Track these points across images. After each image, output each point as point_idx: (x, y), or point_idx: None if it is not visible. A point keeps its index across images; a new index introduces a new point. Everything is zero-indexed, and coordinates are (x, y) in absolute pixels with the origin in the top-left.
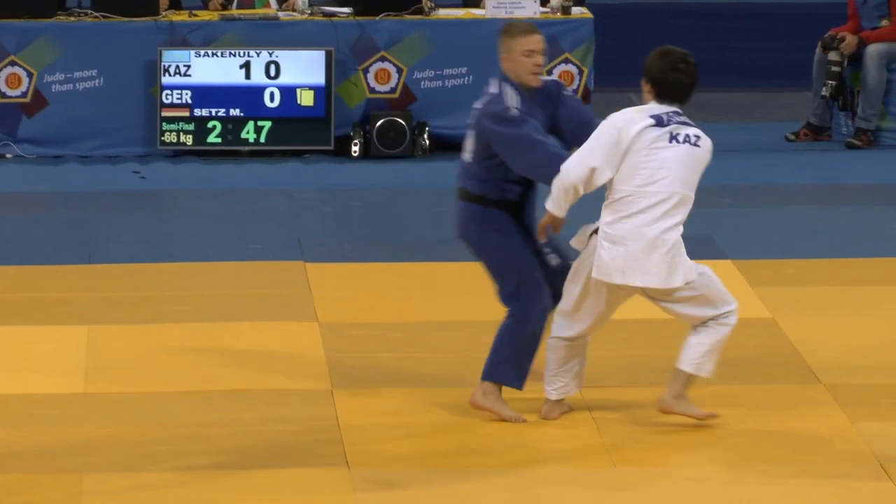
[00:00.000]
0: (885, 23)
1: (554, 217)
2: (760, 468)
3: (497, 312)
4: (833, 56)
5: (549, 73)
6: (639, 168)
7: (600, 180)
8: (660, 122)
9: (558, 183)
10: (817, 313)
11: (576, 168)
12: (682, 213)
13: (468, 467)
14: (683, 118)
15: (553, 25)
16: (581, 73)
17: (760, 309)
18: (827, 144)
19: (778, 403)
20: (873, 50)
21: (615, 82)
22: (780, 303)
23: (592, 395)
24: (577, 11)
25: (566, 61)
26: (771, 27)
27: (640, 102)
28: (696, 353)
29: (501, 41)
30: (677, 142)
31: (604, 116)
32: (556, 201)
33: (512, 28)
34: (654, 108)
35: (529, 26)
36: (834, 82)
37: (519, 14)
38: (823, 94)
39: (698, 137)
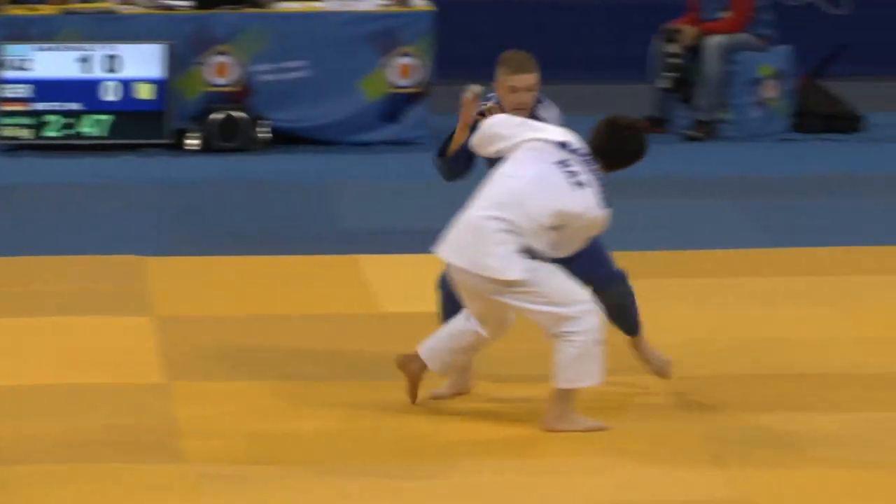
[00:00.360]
0: (725, 14)
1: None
2: (621, 463)
3: (340, 304)
4: (672, 48)
5: (388, 66)
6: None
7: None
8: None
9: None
10: (659, 305)
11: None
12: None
13: (305, 462)
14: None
15: (392, 18)
16: (420, 65)
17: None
18: (667, 136)
19: (616, 392)
20: (713, 42)
21: (456, 75)
22: None
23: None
24: (418, 3)
25: (405, 54)
26: (610, 19)
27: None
28: (562, 367)
29: (497, 68)
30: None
31: (444, 111)
32: None
33: (505, 60)
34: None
35: (522, 62)
36: (673, 74)
37: (359, 7)
38: (663, 85)
39: None
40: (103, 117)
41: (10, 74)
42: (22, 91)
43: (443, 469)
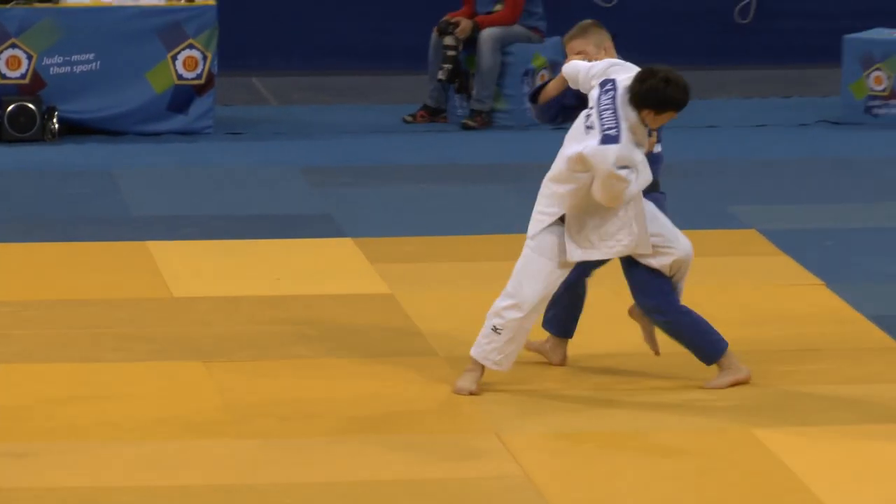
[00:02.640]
0: (498, 7)
1: None
2: (378, 437)
3: (134, 289)
4: (448, 40)
5: (175, 58)
6: None
7: None
8: None
9: None
10: (435, 288)
11: None
12: None
13: (113, 438)
14: None
15: (177, 12)
16: (205, 58)
17: (380, 284)
18: (443, 126)
19: (398, 375)
20: (487, 34)
21: (238, 67)
22: (399, 278)
23: (222, 369)
24: None
25: (190, 47)
26: (387, 11)
27: (262, 87)
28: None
29: None
30: None
31: (228, 102)
32: None
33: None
34: None
35: (569, 33)
36: (449, 66)
37: (145, 1)
38: (439, 77)
39: None
40: None
41: None
42: None
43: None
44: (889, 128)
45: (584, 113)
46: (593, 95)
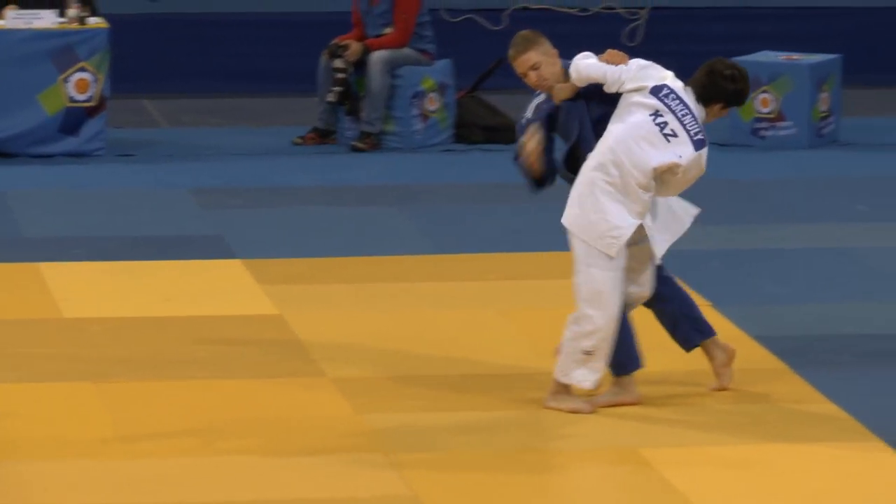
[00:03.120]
0: (388, 30)
1: None
2: (268, 458)
3: (25, 310)
4: (338, 63)
5: (66, 81)
6: None
7: None
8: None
9: None
10: (324, 309)
11: None
12: None
13: (3, 458)
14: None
15: (70, 35)
16: (96, 80)
17: (268, 306)
18: (333, 147)
19: (287, 396)
20: (377, 57)
21: (129, 89)
22: (289, 300)
23: (112, 389)
24: (94, 21)
25: (82, 69)
26: (277, 34)
27: (153, 109)
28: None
29: None
30: None
31: (120, 124)
32: None
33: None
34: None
35: (514, 48)
36: (339, 88)
37: (37, 24)
38: (329, 99)
39: None
40: None
41: None
42: None
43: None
44: (775, 150)
45: (643, 119)
46: (651, 103)
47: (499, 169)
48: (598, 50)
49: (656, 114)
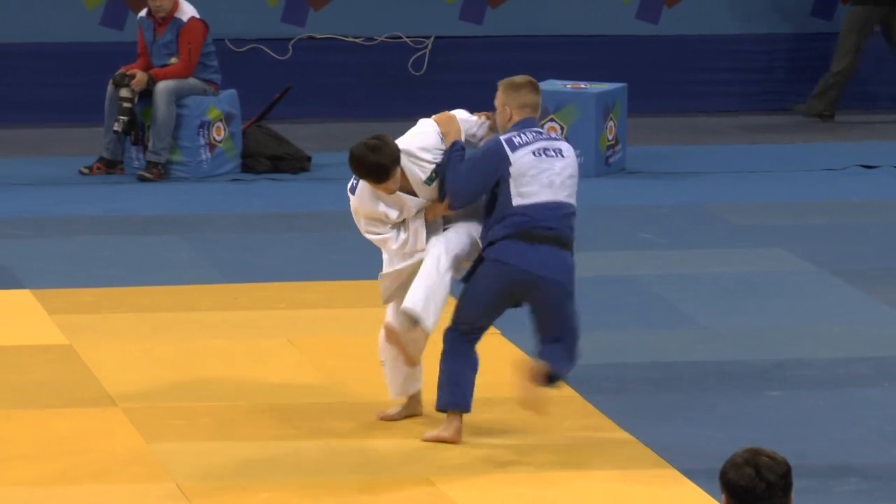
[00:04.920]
0: (174, 60)
1: None
2: (61, 489)
3: None
4: (125, 93)
5: None
6: None
7: None
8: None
9: None
10: (113, 339)
11: None
12: None
13: None
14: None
15: None
16: None
17: (58, 336)
18: (120, 177)
19: (79, 426)
20: (163, 86)
21: None
22: (78, 329)
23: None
24: None
25: None
26: (62, 63)
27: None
28: None
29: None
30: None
31: None
32: None
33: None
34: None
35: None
36: (126, 117)
37: None
38: (116, 128)
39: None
40: None
41: None
42: None
43: None
44: None
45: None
46: None
47: (285, 199)
48: (384, 79)
49: None
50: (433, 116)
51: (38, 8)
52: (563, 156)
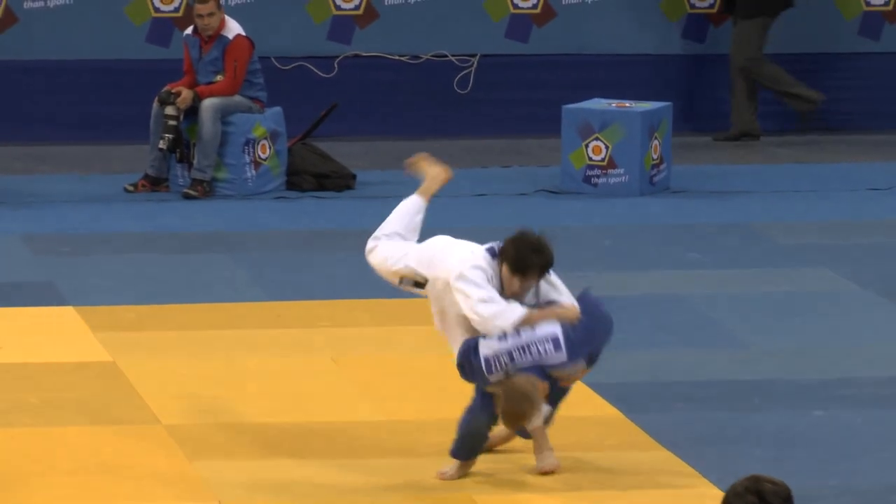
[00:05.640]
0: (219, 78)
1: None
2: None
3: None
4: (170, 110)
5: None
6: None
7: None
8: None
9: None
10: (156, 356)
11: None
12: None
13: None
14: None
15: None
16: None
17: (101, 353)
18: (165, 195)
19: (121, 443)
20: (208, 104)
21: None
22: (121, 346)
23: None
24: None
25: None
26: (108, 80)
27: None
28: None
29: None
30: None
31: None
32: None
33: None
34: None
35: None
36: (171, 135)
37: None
38: (161, 146)
39: None
40: None
41: None
42: None
43: None
44: (607, 197)
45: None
46: None
47: (330, 216)
48: (429, 97)
49: None
50: (562, 310)
51: (84, 25)
52: None
